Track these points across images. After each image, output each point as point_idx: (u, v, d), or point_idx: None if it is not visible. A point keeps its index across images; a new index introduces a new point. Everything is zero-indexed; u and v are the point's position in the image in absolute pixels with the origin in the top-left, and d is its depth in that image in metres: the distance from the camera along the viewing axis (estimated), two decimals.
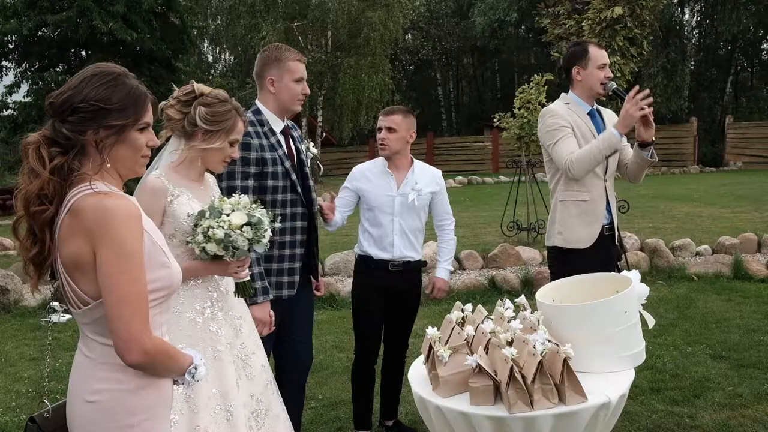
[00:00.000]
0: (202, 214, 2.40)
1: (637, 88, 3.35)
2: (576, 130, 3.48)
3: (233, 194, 2.51)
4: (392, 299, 3.64)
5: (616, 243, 3.67)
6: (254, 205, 2.47)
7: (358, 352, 3.72)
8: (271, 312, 2.91)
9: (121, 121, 1.70)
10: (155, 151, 1.85)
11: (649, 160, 3.50)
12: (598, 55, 3.52)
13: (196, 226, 2.41)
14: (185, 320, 2.41)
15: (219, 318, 2.48)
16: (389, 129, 3.56)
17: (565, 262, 3.47)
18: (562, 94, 3.66)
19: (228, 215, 2.38)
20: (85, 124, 1.67)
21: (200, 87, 2.55)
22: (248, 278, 2.59)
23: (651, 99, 3.32)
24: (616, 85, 3.53)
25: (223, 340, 2.46)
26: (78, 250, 1.65)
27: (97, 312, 1.69)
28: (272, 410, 2.55)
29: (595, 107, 3.60)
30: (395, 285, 3.60)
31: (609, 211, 3.55)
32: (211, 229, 2.35)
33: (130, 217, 1.65)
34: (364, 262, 3.66)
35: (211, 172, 2.71)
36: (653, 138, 3.44)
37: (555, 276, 3.40)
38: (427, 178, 3.68)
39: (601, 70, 3.52)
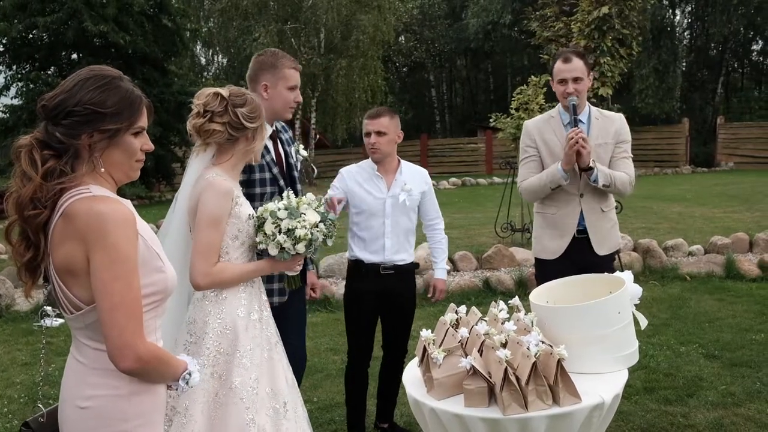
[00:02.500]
0: (273, 214, 2.44)
1: (574, 130, 3.33)
2: (543, 148, 3.52)
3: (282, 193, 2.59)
4: (386, 303, 3.62)
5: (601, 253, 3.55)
6: (316, 202, 2.54)
7: (351, 355, 3.73)
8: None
9: (115, 125, 1.68)
10: (160, 160, 1.83)
11: (592, 184, 3.45)
12: (557, 69, 3.49)
13: (260, 227, 2.46)
14: (252, 323, 2.48)
15: (265, 317, 2.56)
16: (379, 133, 3.50)
17: (540, 269, 3.62)
18: (558, 104, 3.65)
19: (304, 214, 2.46)
20: (79, 128, 1.66)
21: (221, 91, 2.49)
22: (299, 272, 2.70)
23: (581, 131, 3.35)
24: (574, 102, 3.43)
25: (272, 340, 2.55)
26: (71, 254, 1.64)
27: (90, 317, 1.67)
28: (298, 407, 2.60)
29: (580, 116, 3.50)
30: (388, 288, 3.58)
31: (582, 224, 3.50)
32: (296, 230, 2.41)
33: (125, 222, 1.63)
34: (355, 266, 3.63)
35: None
36: (589, 164, 3.38)
37: (537, 281, 3.52)
38: (416, 178, 3.65)
39: (561, 85, 3.47)
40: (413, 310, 3.76)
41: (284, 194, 2.55)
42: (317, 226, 2.47)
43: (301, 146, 3.35)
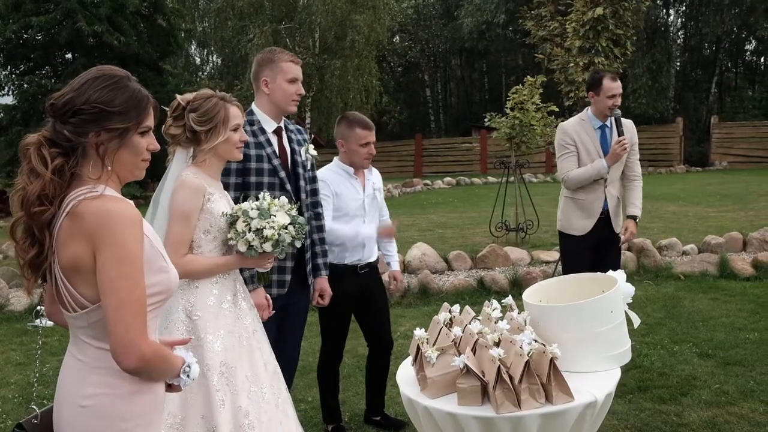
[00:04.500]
0: (245, 213, 2.57)
1: (622, 138, 4.20)
2: (581, 146, 4.28)
3: (256, 193, 2.73)
4: (364, 301, 3.74)
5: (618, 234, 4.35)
6: (288, 205, 2.67)
7: (326, 355, 3.85)
8: (267, 296, 2.99)
9: (123, 124, 1.70)
10: (155, 160, 1.84)
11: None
12: (608, 87, 4.21)
13: (232, 224, 2.59)
14: (223, 312, 2.58)
15: (244, 308, 2.67)
16: (372, 143, 3.67)
17: (564, 242, 4.45)
18: (585, 109, 4.42)
19: (274, 216, 2.59)
20: (86, 126, 1.67)
21: (184, 97, 2.67)
22: (270, 268, 2.83)
23: (626, 142, 4.22)
24: (619, 114, 4.25)
25: (249, 328, 2.64)
26: (78, 253, 1.64)
27: (94, 316, 1.68)
28: (282, 395, 2.69)
29: (607, 122, 4.31)
30: (363, 287, 3.72)
31: (606, 208, 4.31)
32: (264, 230, 2.55)
33: (132, 222, 1.65)
34: (333, 269, 3.56)
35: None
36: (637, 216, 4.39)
37: (561, 251, 4.58)
38: (377, 176, 3.86)
39: (610, 99, 4.21)
40: (387, 301, 3.97)
41: (260, 195, 2.68)
42: (286, 228, 2.60)
43: (311, 146, 3.38)
